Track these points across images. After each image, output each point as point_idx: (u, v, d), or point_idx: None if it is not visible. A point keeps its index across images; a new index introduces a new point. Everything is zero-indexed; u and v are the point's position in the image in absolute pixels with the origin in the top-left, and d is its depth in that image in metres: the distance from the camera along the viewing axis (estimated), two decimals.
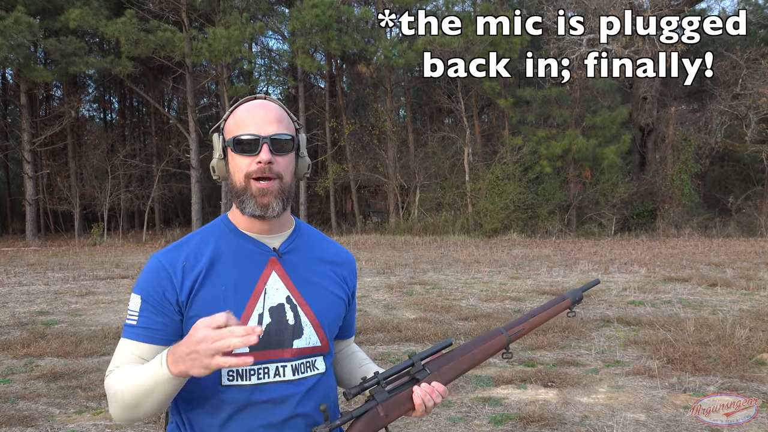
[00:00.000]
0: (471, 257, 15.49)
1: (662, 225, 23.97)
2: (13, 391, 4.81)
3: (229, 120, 1.41)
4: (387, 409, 1.35)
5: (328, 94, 30.15)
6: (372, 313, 7.88)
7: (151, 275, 1.36)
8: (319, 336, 1.43)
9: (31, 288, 10.79)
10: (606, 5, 23.22)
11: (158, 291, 1.34)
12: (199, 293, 1.34)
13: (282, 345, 1.37)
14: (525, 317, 1.55)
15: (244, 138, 1.35)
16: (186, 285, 1.34)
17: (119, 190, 26.04)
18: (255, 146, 1.35)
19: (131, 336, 1.34)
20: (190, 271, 1.36)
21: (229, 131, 1.39)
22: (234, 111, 1.41)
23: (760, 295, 8.94)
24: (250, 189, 1.36)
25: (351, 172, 27.90)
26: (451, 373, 1.43)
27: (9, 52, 21.92)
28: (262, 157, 1.34)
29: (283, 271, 1.42)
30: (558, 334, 6.47)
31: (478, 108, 28.39)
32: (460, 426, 4.01)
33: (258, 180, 1.35)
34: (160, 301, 1.33)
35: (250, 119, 1.37)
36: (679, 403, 4.34)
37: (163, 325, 1.34)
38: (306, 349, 1.40)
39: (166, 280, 1.34)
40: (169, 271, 1.35)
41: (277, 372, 1.37)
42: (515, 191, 24.16)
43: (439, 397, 1.38)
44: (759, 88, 23.63)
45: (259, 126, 1.36)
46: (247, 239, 1.42)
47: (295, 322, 1.40)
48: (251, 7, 25.57)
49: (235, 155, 1.37)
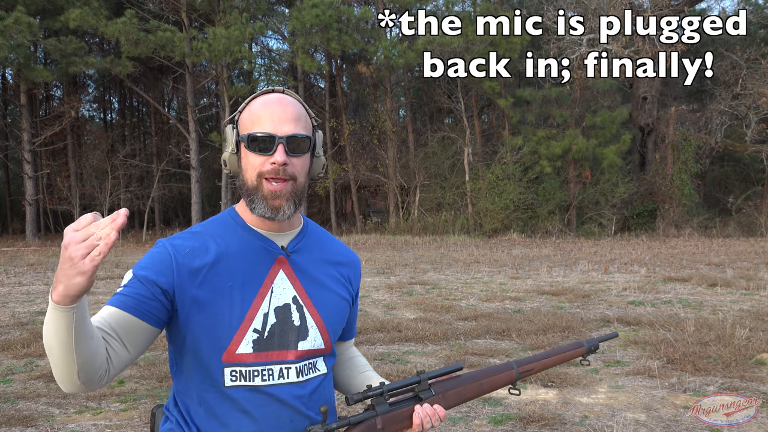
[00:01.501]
0: (471, 257, 15.49)
1: (662, 225, 23.97)
2: (13, 391, 4.80)
3: (245, 113, 1.35)
4: (385, 422, 1.32)
5: (328, 94, 30.15)
6: (372, 313, 7.88)
7: (151, 258, 1.33)
8: (324, 338, 1.40)
9: (31, 288, 10.79)
10: (606, 5, 23.22)
11: (152, 271, 1.29)
12: (203, 285, 1.30)
13: (286, 346, 1.35)
14: (538, 356, 1.55)
15: (259, 136, 1.30)
16: (184, 273, 1.30)
17: (119, 190, 26.05)
18: (270, 145, 1.30)
19: (112, 302, 1.29)
20: (193, 260, 1.32)
21: (243, 126, 1.34)
22: (250, 104, 1.36)
23: (760, 295, 8.94)
24: (262, 189, 1.31)
25: (351, 172, 27.91)
26: (456, 399, 1.42)
27: (9, 52, 21.93)
28: (276, 159, 1.29)
29: (291, 271, 1.39)
30: (558, 334, 6.47)
31: (478, 108, 28.39)
32: (460, 426, 4.01)
33: (270, 181, 1.31)
34: (151, 279, 1.28)
35: (267, 116, 1.31)
36: (679, 403, 4.34)
37: (145, 299, 1.27)
38: (310, 351, 1.38)
39: (164, 263, 1.30)
40: (171, 254, 1.31)
41: (282, 374, 1.34)
42: (515, 191, 24.17)
43: (438, 422, 1.36)
44: (759, 88, 23.64)
45: (275, 124, 1.31)
46: (255, 235, 1.38)
47: (301, 324, 1.37)
48: (251, 7, 25.58)
49: (248, 152, 1.32)
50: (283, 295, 1.36)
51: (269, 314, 1.34)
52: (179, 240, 1.36)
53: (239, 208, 1.42)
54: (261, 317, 1.33)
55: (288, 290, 1.37)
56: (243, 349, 1.31)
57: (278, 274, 1.37)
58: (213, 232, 1.38)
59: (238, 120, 1.36)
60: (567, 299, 8.77)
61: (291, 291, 1.38)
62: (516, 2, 28.44)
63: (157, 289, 1.28)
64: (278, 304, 1.35)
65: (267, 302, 1.34)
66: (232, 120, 1.38)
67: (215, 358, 1.31)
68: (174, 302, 1.30)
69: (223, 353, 1.30)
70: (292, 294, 1.38)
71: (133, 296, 1.27)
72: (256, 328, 1.32)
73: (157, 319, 1.29)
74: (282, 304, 1.36)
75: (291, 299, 1.37)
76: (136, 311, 1.27)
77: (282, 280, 1.37)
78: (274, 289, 1.36)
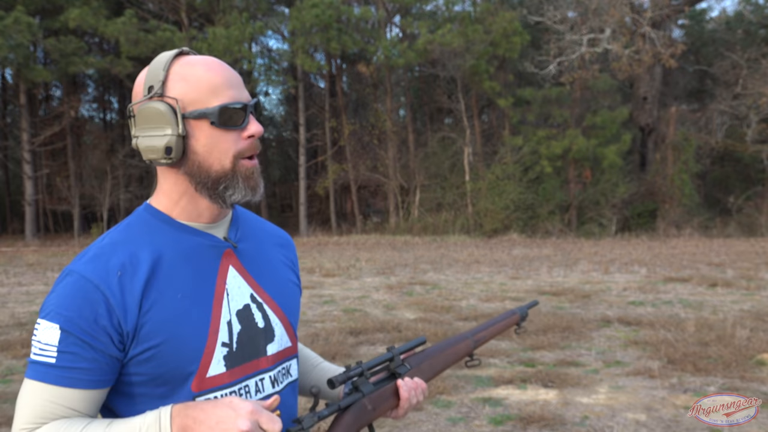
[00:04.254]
0: (471, 257, 15.48)
1: (663, 225, 23.96)
2: (13, 391, 4.79)
3: (179, 83, 1.06)
4: (374, 402, 1.24)
5: (328, 94, 30.13)
6: (372, 313, 7.87)
7: (73, 297, 1.01)
8: (289, 335, 1.22)
9: (31, 288, 10.78)
10: (606, 5, 23.22)
11: (87, 318, 0.99)
12: (151, 311, 1.03)
13: (257, 354, 1.14)
14: (485, 325, 1.58)
15: (234, 107, 1.06)
16: (130, 304, 1.02)
17: (119, 190, 26.05)
18: (242, 117, 1.08)
19: (49, 379, 0.99)
20: (129, 283, 1.03)
21: (193, 99, 1.06)
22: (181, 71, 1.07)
23: (760, 295, 8.93)
24: (239, 171, 1.09)
25: (351, 172, 27.90)
26: (429, 371, 1.42)
27: (8, 51, 21.94)
28: (254, 130, 1.09)
29: (240, 265, 1.16)
30: (558, 334, 6.46)
31: (478, 108, 28.38)
32: (460, 426, 4.00)
33: (247, 159, 1.11)
34: (90, 331, 0.99)
35: (224, 81, 1.07)
36: (679, 404, 4.33)
37: (95, 363, 1.00)
38: (280, 354, 1.19)
39: (98, 303, 1.00)
40: (101, 288, 1.01)
41: (258, 388, 1.14)
42: (515, 191, 24.16)
43: (422, 395, 1.32)
44: (759, 88, 23.63)
45: (239, 90, 1.09)
46: (190, 231, 1.12)
47: (265, 324, 1.17)
48: (251, 6, 25.58)
49: (215, 130, 1.07)
50: (240, 295, 1.14)
51: (233, 321, 1.12)
52: (98, 260, 1.04)
53: (158, 203, 1.14)
54: (225, 327, 1.10)
55: (243, 288, 1.16)
56: (215, 370, 1.08)
57: (228, 271, 1.14)
58: (135, 238, 1.09)
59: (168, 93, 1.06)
60: (567, 299, 8.76)
61: (246, 288, 1.16)
62: (516, 2, 28.44)
63: (105, 339, 1.01)
64: (238, 307, 1.14)
65: (227, 308, 1.12)
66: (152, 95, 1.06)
67: (182, 390, 1.06)
68: (126, 344, 1.03)
69: (191, 382, 1.06)
70: (249, 291, 1.16)
71: (82, 367, 1.00)
72: (224, 342, 1.10)
73: (114, 377, 1.05)
74: (242, 306, 1.14)
75: (249, 298, 1.16)
76: (96, 384, 1.02)
77: (234, 278, 1.15)
78: (229, 290, 1.13)
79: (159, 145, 1.06)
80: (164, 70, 1.07)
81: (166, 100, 1.06)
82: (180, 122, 1.05)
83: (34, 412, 1.00)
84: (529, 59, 25.37)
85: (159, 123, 1.06)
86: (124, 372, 1.05)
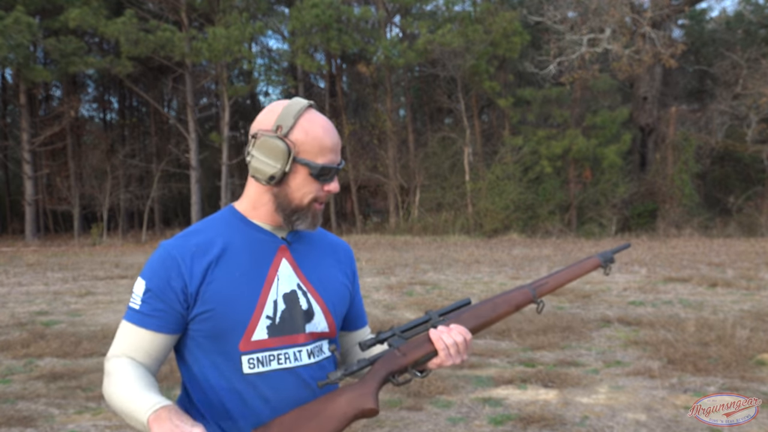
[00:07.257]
0: (471, 257, 15.48)
1: (663, 225, 23.95)
2: (12, 391, 4.80)
3: (301, 134, 1.35)
4: (404, 350, 1.39)
5: (328, 94, 30.13)
6: (372, 313, 7.87)
7: (157, 263, 1.36)
8: (328, 321, 1.46)
9: (31, 288, 10.78)
10: (606, 5, 23.22)
11: (163, 279, 1.34)
12: (213, 283, 1.35)
13: (296, 330, 1.40)
14: (551, 274, 1.59)
15: (330, 168, 1.37)
16: (196, 273, 1.34)
17: (119, 190, 26.02)
18: (331, 175, 1.40)
19: (134, 320, 1.36)
20: (200, 258, 1.36)
21: (306, 150, 1.35)
22: (305, 123, 1.36)
23: (760, 295, 8.93)
24: (312, 210, 1.40)
25: (351, 172, 27.88)
26: (472, 320, 1.44)
27: (8, 51, 21.93)
28: (334, 188, 1.41)
29: (292, 259, 1.44)
30: (558, 334, 6.47)
31: (478, 108, 28.37)
32: (460, 426, 4.00)
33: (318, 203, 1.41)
34: (164, 288, 1.34)
35: (331, 145, 1.38)
36: (679, 404, 4.33)
37: (164, 313, 1.34)
38: (316, 334, 1.43)
39: (172, 269, 1.34)
40: (177, 259, 1.35)
41: (296, 356, 1.39)
42: (515, 191, 24.16)
43: (460, 336, 1.38)
44: (760, 88, 23.62)
45: (336, 155, 1.39)
46: (257, 229, 1.43)
47: (308, 308, 1.43)
48: (251, 6, 25.56)
49: (308, 177, 1.37)
50: (288, 282, 1.42)
51: (278, 301, 1.39)
52: (183, 239, 1.39)
53: (241, 206, 1.45)
54: (271, 304, 1.38)
55: (292, 277, 1.43)
56: (258, 336, 1.36)
57: (281, 262, 1.43)
58: (215, 228, 1.42)
59: (291, 137, 1.35)
60: (567, 299, 8.76)
61: (294, 278, 1.43)
62: (516, 2, 28.45)
63: (172, 296, 1.34)
64: (286, 291, 1.41)
65: (275, 290, 1.40)
66: (278, 135, 1.35)
67: (233, 347, 1.35)
68: (189, 303, 1.35)
69: (239, 342, 1.35)
70: (296, 281, 1.43)
71: (155, 315, 1.35)
72: (268, 315, 1.38)
73: (179, 327, 1.37)
74: (289, 291, 1.41)
75: (296, 285, 1.43)
76: (163, 328, 1.36)
77: (285, 268, 1.43)
78: (280, 277, 1.41)
79: (268, 172, 1.35)
80: (294, 118, 1.35)
81: (287, 142, 1.34)
82: (290, 162, 1.34)
83: (120, 342, 1.37)
84: (529, 59, 25.39)
85: (275, 156, 1.34)
86: (189, 327, 1.37)
